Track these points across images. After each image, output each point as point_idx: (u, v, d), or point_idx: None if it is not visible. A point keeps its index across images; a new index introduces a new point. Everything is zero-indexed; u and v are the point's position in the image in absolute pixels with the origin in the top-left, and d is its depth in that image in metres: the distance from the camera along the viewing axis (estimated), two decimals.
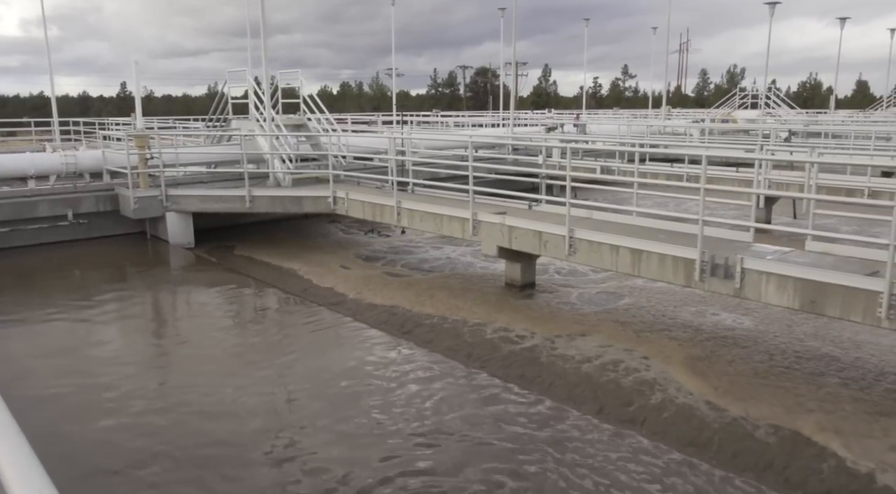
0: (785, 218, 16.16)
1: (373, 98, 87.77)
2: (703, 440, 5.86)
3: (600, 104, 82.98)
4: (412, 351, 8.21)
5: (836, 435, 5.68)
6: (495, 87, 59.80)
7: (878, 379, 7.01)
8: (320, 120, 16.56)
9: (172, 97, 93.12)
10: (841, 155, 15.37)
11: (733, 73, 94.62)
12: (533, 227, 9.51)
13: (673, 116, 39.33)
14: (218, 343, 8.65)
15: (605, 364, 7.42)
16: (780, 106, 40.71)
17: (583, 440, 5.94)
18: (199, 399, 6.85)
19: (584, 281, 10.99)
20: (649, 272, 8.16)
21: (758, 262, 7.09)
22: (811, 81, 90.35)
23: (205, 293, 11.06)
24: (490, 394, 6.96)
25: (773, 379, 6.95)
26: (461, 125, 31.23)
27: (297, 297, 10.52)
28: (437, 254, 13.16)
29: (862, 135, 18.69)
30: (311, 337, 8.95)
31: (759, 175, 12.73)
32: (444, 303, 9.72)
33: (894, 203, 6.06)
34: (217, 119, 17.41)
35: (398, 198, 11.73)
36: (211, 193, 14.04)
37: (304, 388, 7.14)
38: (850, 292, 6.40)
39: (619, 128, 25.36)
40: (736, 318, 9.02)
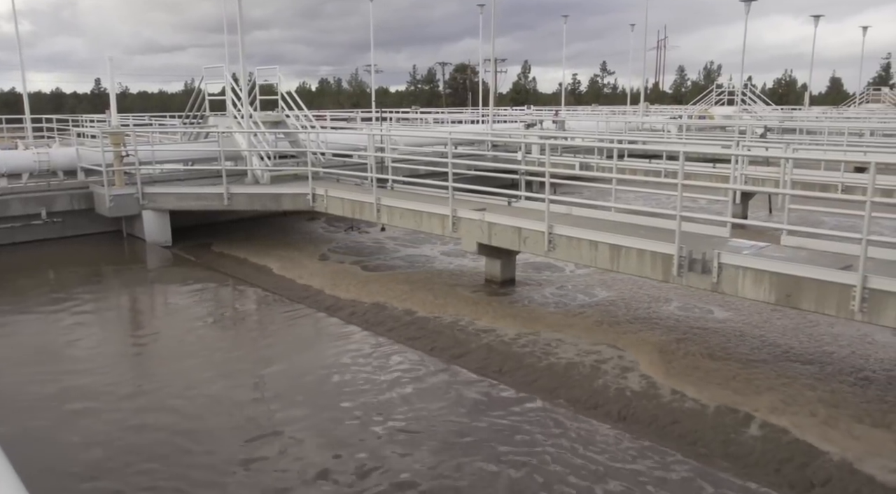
0: (761, 213, 16.37)
1: (352, 95, 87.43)
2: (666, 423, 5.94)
3: (579, 101, 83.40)
4: (391, 347, 8.19)
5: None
6: (475, 84, 59.88)
7: (840, 368, 7.14)
8: (299, 117, 16.46)
9: (148, 94, 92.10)
10: (815, 151, 15.58)
11: (710, 70, 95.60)
12: (512, 224, 9.54)
13: (651, 113, 39.61)
14: (196, 342, 8.57)
15: (580, 357, 7.47)
16: (756, 102, 41.20)
17: (558, 431, 5.97)
18: (176, 399, 6.76)
19: (565, 276, 11.04)
20: (628, 267, 8.22)
21: (734, 257, 7.17)
22: (786, 78, 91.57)
23: (182, 292, 10.94)
24: (468, 389, 6.97)
25: (738, 365, 7.05)
26: (440, 122, 31.20)
27: (275, 295, 10.45)
28: (417, 251, 13.15)
29: (835, 132, 18.96)
30: (290, 335, 8.90)
31: (735, 171, 12.85)
32: (424, 300, 9.72)
33: (867, 198, 6.15)
34: (194, 116, 17.23)
35: (378, 195, 11.69)
36: (188, 191, 13.89)
37: (283, 385, 7.09)
38: (823, 286, 6.50)
39: (598, 125, 25.47)
40: (715, 310, 9.12)
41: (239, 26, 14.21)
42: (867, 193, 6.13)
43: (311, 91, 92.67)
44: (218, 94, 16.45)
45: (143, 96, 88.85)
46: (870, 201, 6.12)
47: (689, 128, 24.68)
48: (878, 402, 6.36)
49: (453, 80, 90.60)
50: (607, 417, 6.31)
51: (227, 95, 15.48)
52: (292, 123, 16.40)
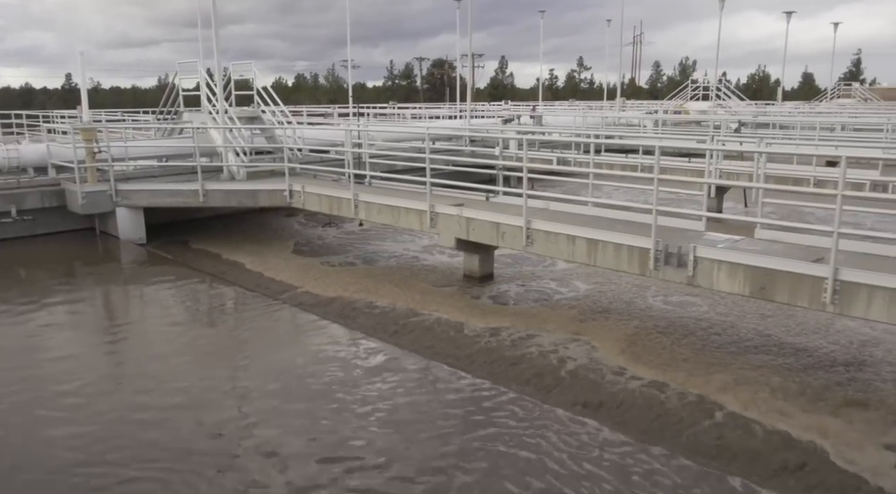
0: (737, 206, 16.57)
1: (329, 90, 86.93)
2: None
3: (556, 96, 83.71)
4: (369, 343, 8.17)
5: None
6: (452, 79, 59.86)
7: (800, 357, 7.27)
8: (275, 112, 16.32)
9: (121, 89, 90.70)
10: (788, 145, 15.81)
11: (685, 66, 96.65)
12: (490, 219, 9.55)
13: (627, 108, 39.91)
14: (172, 340, 8.47)
15: (554, 350, 7.53)
16: (731, 97, 41.65)
17: (533, 423, 6.01)
18: (154, 399, 6.68)
19: (545, 270, 11.09)
20: (605, 261, 8.27)
21: (709, 251, 7.25)
22: (760, 74, 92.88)
23: (158, 290, 10.80)
24: (444, 382, 7.00)
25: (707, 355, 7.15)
26: (418, 117, 31.14)
27: (252, 292, 10.37)
28: (396, 247, 13.13)
29: (807, 126, 19.26)
30: (267, 332, 8.84)
31: (710, 165, 13.00)
32: (402, 295, 9.72)
33: (838, 192, 6.25)
34: (168, 111, 17.01)
35: (355, 191, 11.65)
36: (163, 188, 13.72)
37: (261, 383, 7.03)
38: (796, 278, 6.60)
39: (575, 120, 25.60)
40: (693, 301, 9.23)
41: (213, 21, 14.04)
42: (838, 187, 6.23)
43: (288, 86, 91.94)
44: (192, 90, 16.25)
45: (116, 92, 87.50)
46: (840, 194, 6.23)
47: (665, 123, 24.90)
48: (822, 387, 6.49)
49: (431, 75, 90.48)
50: (572, 405, 6.43)
51: (201, 91, 15.29)
52: (268, 119, 16.25)
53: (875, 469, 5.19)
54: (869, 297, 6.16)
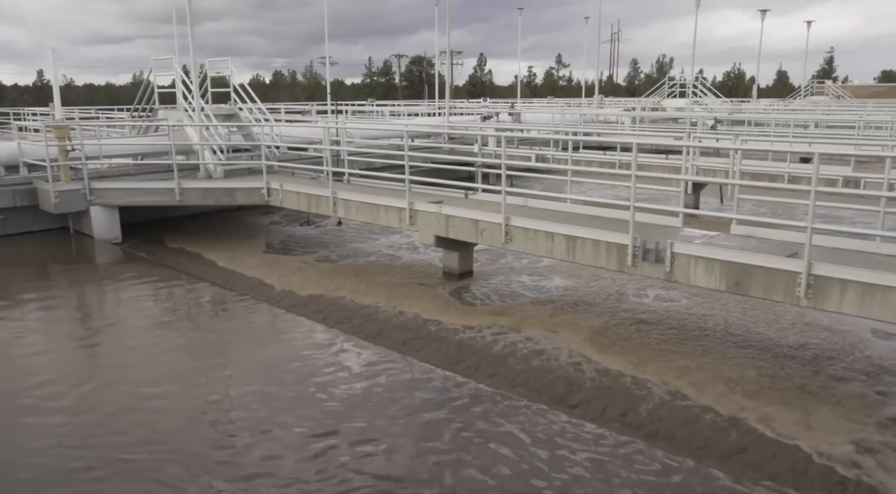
0: (713, 202, 16.73)
1: (307, 87, 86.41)
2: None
3: (535, 93, 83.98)
4: (348, 341, 8.15)
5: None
6: (431, 76, 59.71)
7: (772, 350, 7.37)
8: (252, 110, 16.17)
9: (95, 86, 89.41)
10: (763, 142, 15.99)
11: (662, 63, 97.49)
12: (469, 216, 9.56)
13: (605, 105, 40.12)
14: (149, 341, 8.35)
15: (529, 346, 7.57)
16: (707, 95, 42.06)
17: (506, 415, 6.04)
18: (131, 401, 6.60)
19: (524, 267, 11.12)
20: (584, 258, 8.31)
21: (687, 246, 7.32)
22: (735, 71, 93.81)
23: (134, 289, 10.66)
24: (422, 378, 7.03)
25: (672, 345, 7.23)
26: (397, 114, 31.06)
27: (230, 291, 10.29)
28: (375, 244, 13.09)
29: (782, 123, 19.47)
30: (245, 331, 8.77)
31: (687, 162, 13.12)
32: (380, 293, 9.70)
33: (811, 188, 6.34)
34: (143, 109, 16.79)
35: (334, 189, 11.59)
36: (138, 186, 13.54)
37: (237, 379, 6.98)
38: (771, 273, 6.68)
39: (554, 117, 25.67)
40: (668, 296, 9.32)
41: (188, 17, 13.86)
42: (812, 183, 6.32)
43: (266, 83, 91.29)
44: (168, 87, 16.05)
45: (90, 89, 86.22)
46: (814, 190, 6.32)
47: (643, 120, 25.07)
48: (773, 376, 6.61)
49: (409, 72, 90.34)
50: (539, 395, 6.59)
51: (177, 88, 15.10)
52: (246, 116, 16.11)
53: (821, 450, 5.39)
54: (842, 291, 6.26)
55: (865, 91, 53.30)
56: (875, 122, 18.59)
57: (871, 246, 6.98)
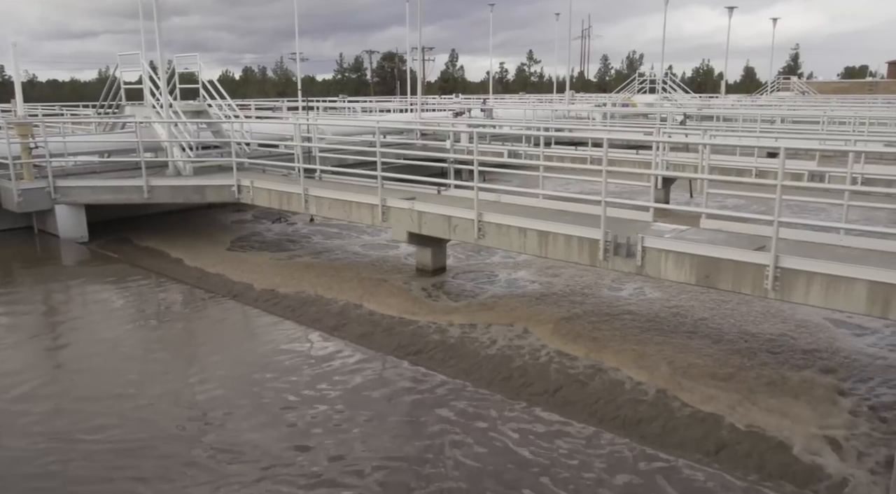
0: (683, 196, 16.95)
1: (277, 83, 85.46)
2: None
3: (507, 89, 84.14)
4: (321, 340, 8.11)
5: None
6: (402, 72, 59.46)
7: (721, 339, 7.51)
8: (222, 106, 15.96)
9: (59, 82, 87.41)
10: (731, 137, 16.23)
11: (633, 59, 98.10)
12: (442, 212, 9.56)
13: (576, 101, 40.37)
14: (119, 342, 8.22)
15: (496, 339, 7.64)
16: (677, 90, 42.55)
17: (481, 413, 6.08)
18: (100, 407, 6.48)
19: (498, 262, 11.15)
20: (556, 253, 8.36)
21: (657, 241, 7.40)
22: (704, 67, 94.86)
23: (101, 290, 10.48)
24: (393, 374, 7.06)
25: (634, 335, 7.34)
26: (368, 110, 30.91)
27: (200, 289, 10.16)
28: (347, 241, 13.03)
29: (749, 119, 19.78)
30: (217, 330, 8.68)
31: (657, 157, 13.23)
32: (353, 290, 9.67)
33: (778, 182, 6.45)
34: (109, 105, 16.46)
35: (305, 186, 11.50)
36: (105, 184, 13.29)
37: (207, 381, 6.90)
38: (740, 266, 6.79)
39: (525, 113, 25.76)
40: (638, 289, 9.42)
41: (155, 11, 13.62)
42: (778, 177, 6.43)
43: (235, 79, 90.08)
44: (135, 83, 15.76)
45: (54, 85, 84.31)
46: (780, 185, 6.43)
47: (613, 116, 25.28)
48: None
49: (381, 68, 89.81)
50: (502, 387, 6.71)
51: (144, 84, 14.84)
52: (215, 113, 15.90)
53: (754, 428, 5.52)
54: (807, 283, 6.39)
55: (829, 87, 54.41)
56: (838, 118, 18.98)
57: (836, 238, 7.13)
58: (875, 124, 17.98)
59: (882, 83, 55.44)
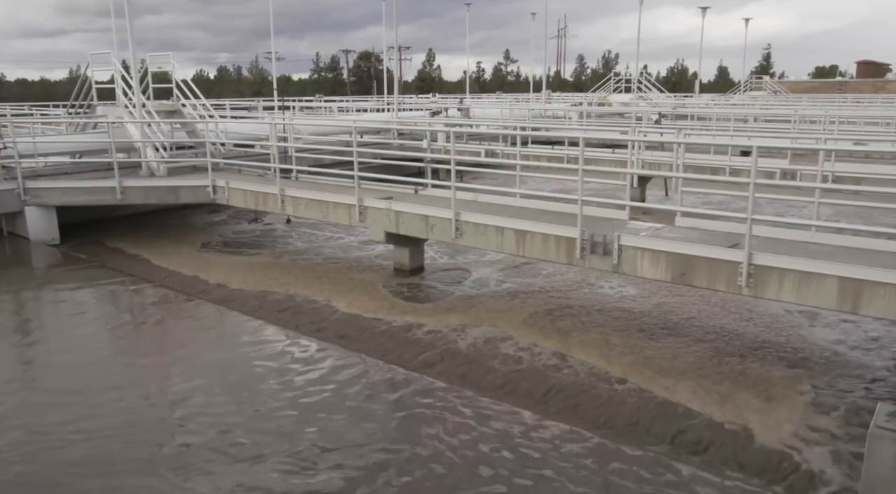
0: (658, 194, 17.11)
1: (253, 83, 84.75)
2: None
3: (484, 88, 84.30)
4: (299, 340, 8.06)
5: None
6: (379, 72, 59.32)
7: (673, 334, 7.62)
8: (196, 106, 15.78)
9: (28, 81, 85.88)
10: (705, 136, 16.40)
11: (608, 59, 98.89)
12: (419, 212, 9.55)
13: (553, 100, 40.56)
14: (92, 346, 8.10)
15: (471, 338, 7.68)
16: (652, 90, 42.86)
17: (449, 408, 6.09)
18: (74, 412, 6.36)
19: (477, 260, 11.16)
20: (533, 252, 8.40)
21: (633, 239, 7.46)
22: (679, 67, 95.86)
23: (74, 293, 10.30)
24: (368, 372, 7.04)
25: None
26: (345, 110, 30.76)
27: (175, 291, 10.04)
28: (325, 241, 12.96)
29: (723, 118, 20.01)
30: (192, 332, 8.59)
31: (632, 156, 13.35)
32: (328, 290, 9.64)
33: (751, 180, 6.53)
34: (80, 105, 16.19)
35: (282, 186, 11.42)
36: (76, 185, 13.07)
37: (181, 382, 6.83)
38: (714, 264, 6.87)
39: (502, 112, 25.82)
40: (609, 285, 9.50)
41: (126, 10, 13.42)
42: (751, 175, 6.51)
43: (210, 79, 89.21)
44: (107, 83, 15.51)
45: (23, 84, 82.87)
46: (753, 182, 6.51)
47: (590, 115, 25.44)
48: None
49: (357, 67, 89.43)
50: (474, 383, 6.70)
51: (116, 83, 14.62)
52: (189, 113, 15.71)
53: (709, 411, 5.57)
54: (780, 280, 6.48)
55: (800, 86, 55.27)
56: (809, 117, 19.27)
57: (808, 235, 7.24)
58: (845, 123, 18.29)
59: (851, 83, 56.46)
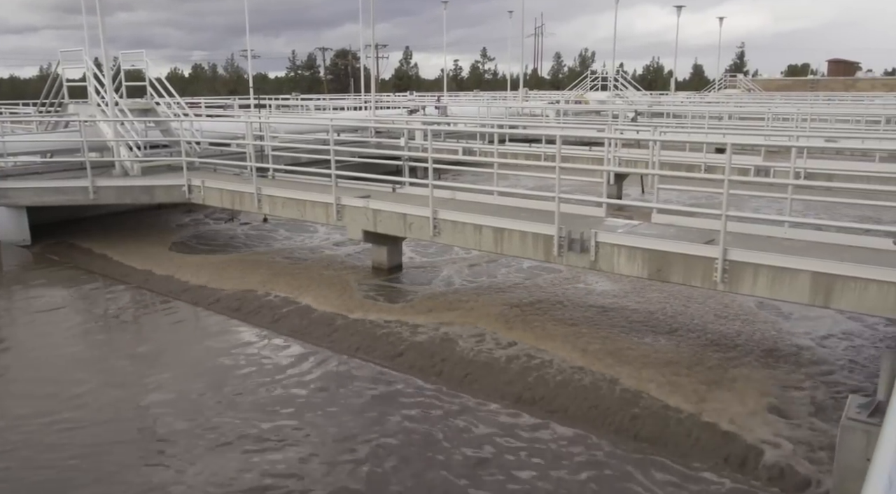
0: (635, 192, 17.24)
1: (228, 81, 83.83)
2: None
3: (461, 86, 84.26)
4: (274, 339, 8.02)
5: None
6: (356, 70, 59.05)
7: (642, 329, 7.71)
8: (170, 104, 15.58)
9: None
10: (680, 133, 16.55)
11: (585, 57, 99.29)
12: (397, 210, 9.52)
13: (530, 98, 40.69)
14: (65, 348, 7.97)
15: (450, 336, 7.71)
16: (628, 88, 43.16)
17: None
18: (48, 415, 6.26)
19: (456, 258, 11.16)
20: (511, 249, 8.41)
21: (610, 236, 7.51)
22: (654, 65, 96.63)
23: (46, 294, 10.13)
24: (342, 370, 7.07)
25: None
26: (322, 108, 30.58)
27: (149, 291, 9.93)
28: (302, 240, 12.88)
29: (698, 115, 20.22)
30: (166, 332, 8.50)
31: (609, 153, 13.43)
32: (305, 288, 9.58)
33: (725, 177, 6.60)
34: (51, 104, 15.91)
35: (258, 185, 11.33)
36: (48, 185, 12.83)
37: (157, 382, 6.75)
38: (690, 260, 6.93)
39: (480, 110, 25.85)
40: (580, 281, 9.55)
41: (98, 6, 13.21)
42: (725, 172, 6.58)
43: (185, 77, 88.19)
44: (78, 80, 15.26)
45: None
46: (727, 179, 6.58)
47: (567, 113, 25.55)
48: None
49: (334, 65, 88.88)
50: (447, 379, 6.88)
51: (88, 81, 14.39)
52: (163, 111, 15.51)
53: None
54: (755, 275, 6.56)
55: (773, 84, 56.10)
56: (782, 114, 19.54)
57: (781, 231, 7.34)
58: (816, 120, 18.58)
59: (823, 81, 57.44)
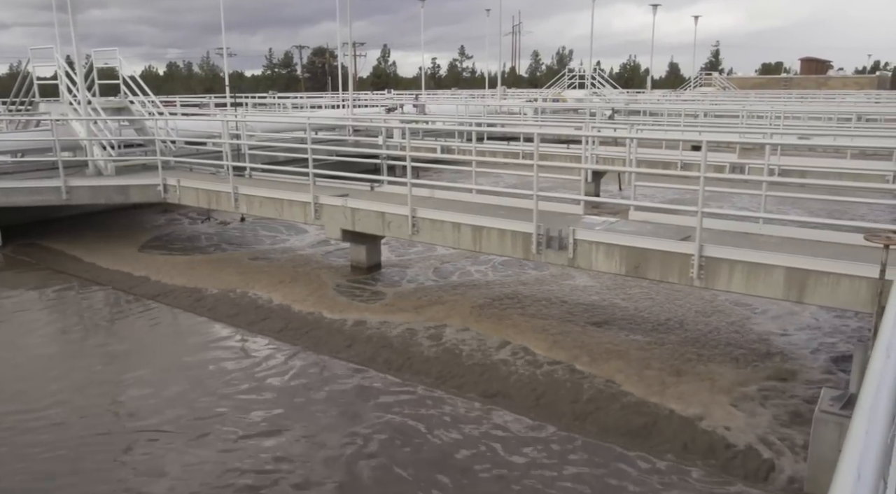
0: (612, 189, 17.36)
1: (204, 79, 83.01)
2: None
3: (439, 85, 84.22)
4: (250, 338, 7.95)
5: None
6: (334, 68, 58.74)
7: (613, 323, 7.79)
8: (145, 103, 15.38)
9: None
10: (657, 131, 16.70)
11: (563, 55, 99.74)
12: (376, 208, 9.49)
13: (508, 96, 40.78)
14: (39, 349, 7.84)
15: (427, 333, 7.72)
16: (605, 86, 43.47)
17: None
18: (22, 419, 6.17)
19: (435, 256, 11.16)
20: (490, 247, 8.43)
21: (588, 233, 7.55)
22: (631, 63, 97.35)
23: (18, 296, 9.95)
24: (317, 369, 7.02)
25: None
26: (299, 107, 30.39)
27: (123, 292, 9.80)
28: (279, 240, 12.79)
29: (674, 113, 20.41)
30: (141, 333, 8.39)
31: (587, 151, 13.52)
32: (282, 288, 9.53)
33: (701, 174, 6.67)
34: (21, 102, 15.62)
35: (235, 184, 11.22)
36: (18, 185, 12.60)
37: (134, 383, 6.67)
38: (667, 256, 6.99)
39: (458, 108, 25.86)
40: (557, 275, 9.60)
41: (69, 3, 12.99)
42: (701, 169, 6.64)
43: (159, 75, 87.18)
44: (50, 79, 15.00)
45: None
46: (703, 176, 6.65)
47: (545, 111, 25.65)
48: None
49: (312, 64, 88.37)
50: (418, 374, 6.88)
51: (59, 79, 14.15)
52: (138, 110, 15.31)
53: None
54: (730, 271, 6.63)
55: (748, 82, 56.73)
56: (757, 112, 19.78)
57: (756, 227, 7.43)
58: (790, 118, 18.83)
59: (796, 79, 58.20)
